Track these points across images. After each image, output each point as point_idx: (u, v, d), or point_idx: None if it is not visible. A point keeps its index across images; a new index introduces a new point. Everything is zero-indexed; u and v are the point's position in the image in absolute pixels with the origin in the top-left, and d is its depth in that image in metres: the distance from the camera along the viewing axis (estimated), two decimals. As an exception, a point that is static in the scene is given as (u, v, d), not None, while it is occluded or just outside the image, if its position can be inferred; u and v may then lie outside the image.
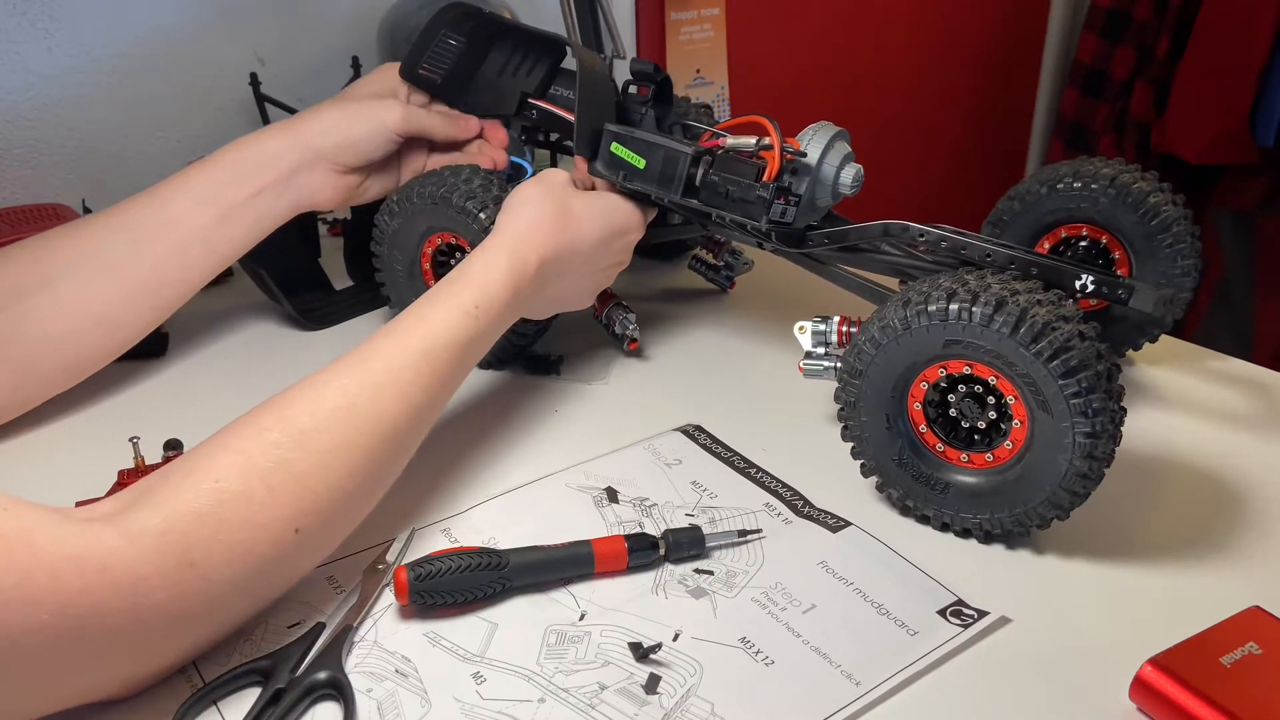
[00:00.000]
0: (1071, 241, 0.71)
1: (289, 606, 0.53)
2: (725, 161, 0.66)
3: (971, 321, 0.52)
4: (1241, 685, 0.45)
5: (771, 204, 0.63)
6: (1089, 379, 0.51)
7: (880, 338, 0.56)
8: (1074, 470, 0.52)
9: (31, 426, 0.68)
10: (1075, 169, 0.69)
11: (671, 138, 0.69)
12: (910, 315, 0.54)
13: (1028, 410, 0.53)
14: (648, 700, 0.47)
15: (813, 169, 0.64)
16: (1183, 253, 0.67)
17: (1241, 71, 1.56)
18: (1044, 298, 0.53)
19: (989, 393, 0.55)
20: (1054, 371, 0.51)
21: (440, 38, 0.76)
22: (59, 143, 0.94)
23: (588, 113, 0.72)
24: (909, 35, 1.74)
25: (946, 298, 0.53)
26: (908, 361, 0.56)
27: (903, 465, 0.58)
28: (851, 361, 0.57)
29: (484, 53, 0.78)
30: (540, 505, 0.61)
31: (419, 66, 0.77)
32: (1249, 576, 0.55)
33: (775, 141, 0.63)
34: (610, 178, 0.70)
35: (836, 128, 0.66)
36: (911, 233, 0.62)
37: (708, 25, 1.44)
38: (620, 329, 0.77)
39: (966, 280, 0.54)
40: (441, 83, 0.77)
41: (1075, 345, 0.51)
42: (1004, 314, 0.51)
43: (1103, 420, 0.51)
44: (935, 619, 0.52)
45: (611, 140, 0.70)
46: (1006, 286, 0.53)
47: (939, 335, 0.54)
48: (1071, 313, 0.52)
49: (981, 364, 0.54)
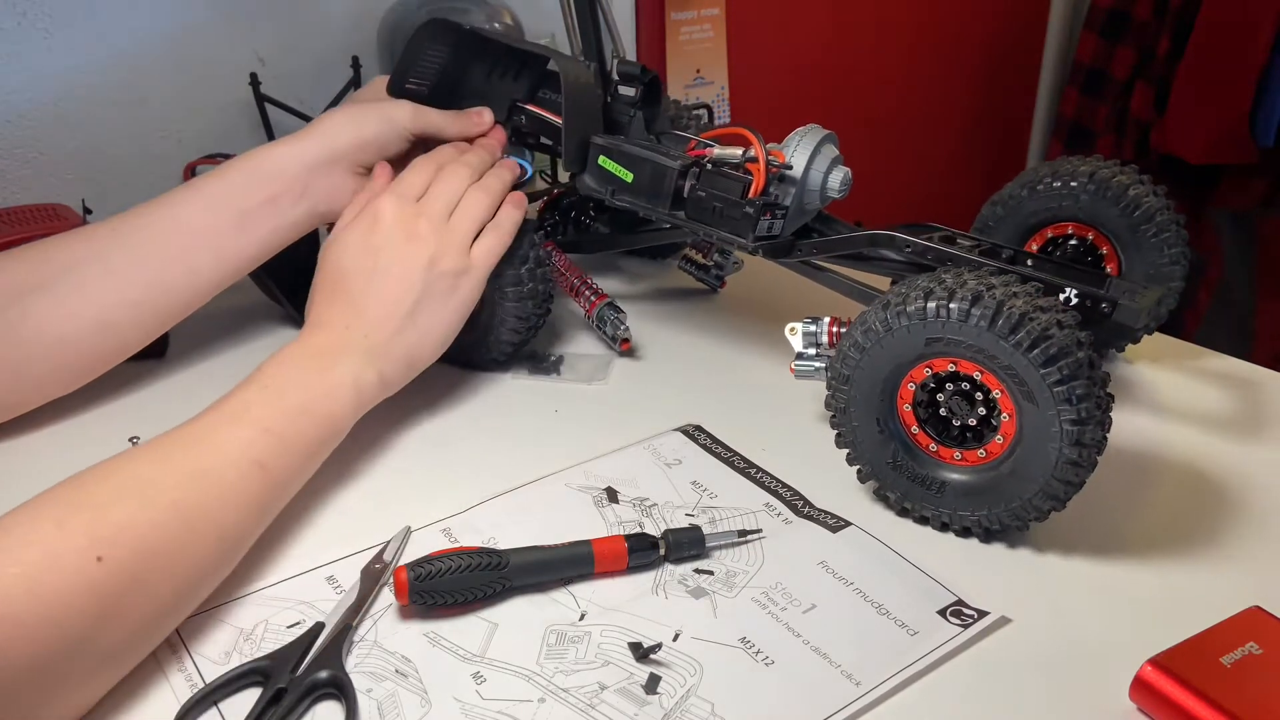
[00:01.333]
0: (1059, 241, 0.71)
1: (289, 606, 0.53)
2: (711, 176, 0.66)
3: (950, 318, 0.53)
4: (1241, 685, 0.45)
5: (758, 221, 0.63)
6: (1070, 366, 0.51)
7: (864, 341, 0.56)
8: (1064, 459, 0.52)
9: (31, 427, 0.68)
10: (1054, 169, 0.69)
11: (659, 148, 0.69)
12: (890, 317, 0.55)
13: (1014, 403, 0.53)
14: (648, 700, 0.47)
15: (799, 179, 0.64)
16: (1169, 242, 0.67)
17: (1241, 71, 1.56)
18: (1020, 289, 0.53)
19: (976, 389, 0.55)
20: (1034, 361, 0.51)
21: (424, 52, 0.76)
22: (59, 143, 0.94)
23: (574, 126, 0.71)
24: (909, 35, 1.74)
25: (924, 296, 0.53)
26: (893, 363, 0.56)
27: (898, 468, 0.58)
28: (838, 368, 0.58)
29: (469, 62, 0.78)
30: (540, 505, 0.61)
31: (406, 81, 0.77)
32: (1249, 576, 0.55)
33: (760, 156, 0.63)
34: (600, 192, 0.70)
35: (823, 131, 0.65)
36: (898, 243, 0.62)
37: (708, 25, 1.44)
38: (612, 329, 0.77)
39: (943, 279, 0.54)
40: (429, 94, 0.78)
41: (1054, 334, 0.51)
42: (980, 307, 0.52)
43: (1088, 406, 0.51)
44: (935, 619, 0.52)
45: (599, 154, 0.70)
46: (983, 281, 0.53)
47: (920, 334, 0.54)
48: (1049, 303, 0.53)
49: (965, 360, 0.54)
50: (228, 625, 0.52)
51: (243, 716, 0.46)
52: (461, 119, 0.76)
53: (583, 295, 0.80)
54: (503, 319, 0.71)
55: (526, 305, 0.72)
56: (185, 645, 0.50)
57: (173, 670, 0.49)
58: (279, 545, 0.57)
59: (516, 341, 0.74)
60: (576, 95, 0.71)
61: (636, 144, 0.70)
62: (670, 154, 0.67)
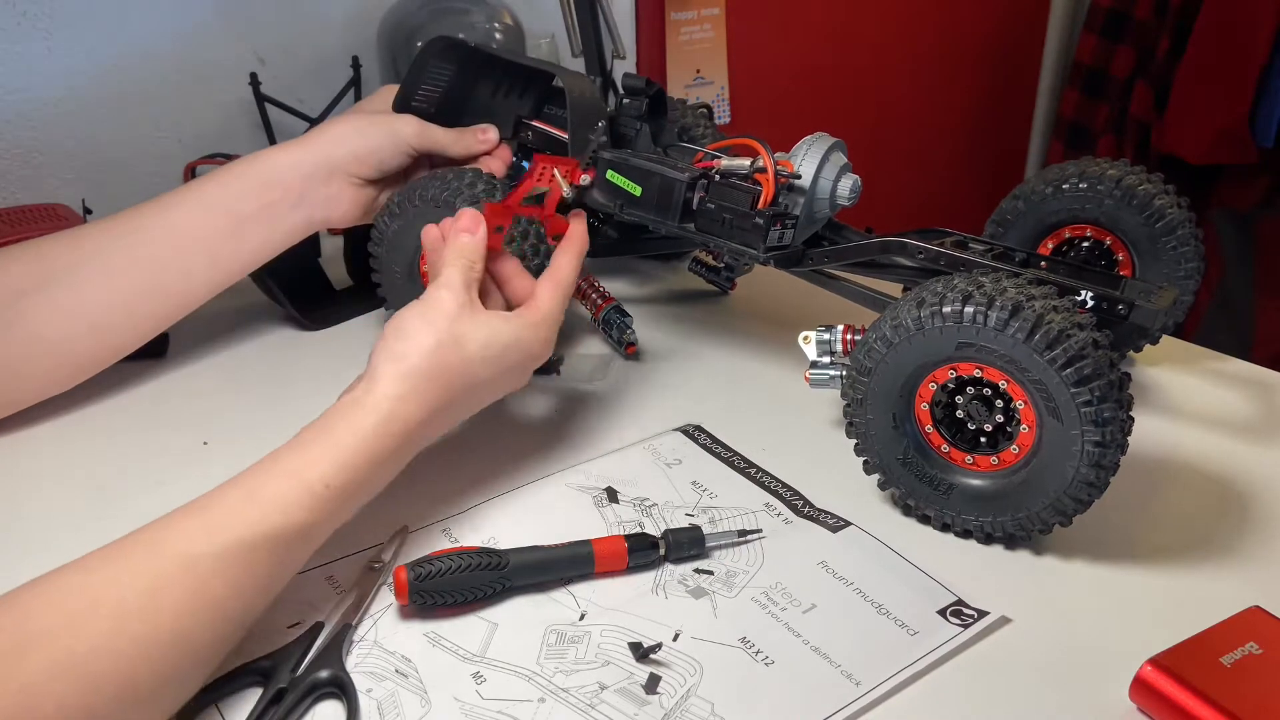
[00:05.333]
0: (1075, 242, 0.71)
1: (289, 606, 0.53)
2: (720, 188, 0.65)
3: (986, 325, 0.52)
4: (1241, 685, 0.45)
5: (768, 232, 0.63)
6: (1101, 388, 0.51)
7: (892, 336, 0.55)
8: (1081, 478, 0.52)
9: (29, 425, 0.68)
10: (1081, 170, 0.69)
11: (666, 160, 0.68)
12: (924, 316, 0.54)
13: (1037, 416, 0.53)
14: (648, 700, 0.47)
15: (808, 188, 0.64)
16: (1186, 255, 0.67)
17: (1241, 71, 1.56)
18: (1059, 304, 0.53)
19: (998, 396, 0.55)
20: (1067, 379, 0.51)
21: (429, 69, 0.76)
22: (59, 143, 0.94)
23: (581, 142, 0.71)
24: (909, 35, 1.74)
25: (962, 300, 0.53)
26: (919, 362, 0.55)
27: (907, 465, 0.58)
28: (861, 359, 0.57)
29: (475, 79, 0.78)
30: (540, 505, 0.61)
31: (412, 98, 0.77)
32: (1249, 577, 0.55)
33: (769, 166, 0.63)
34: (609, 206, 0.69)
35: (831, 139, 0.65)
36: (909, 249, 0.62)
37: (708, 25, 1.44)
38: (618, 333, 0.77)
39: (982, 283, 0.54)
40: (435, 112, 0.78)
41: (1089, 354, 0.51)
42: (1020, 320, 0.51)
43: (1112, 430, 0.51)
44: (935, 619, 0.52)
45: (606, 168, 0.70)
46: (1022, 291, 0.53)
47: (953, 337, 0.54)
48: (1086, 320, 0.53)
49: (993, 368, 0.54)
50: (228, 625, 0.52)
51: (243, 716, 0.46)
52: (466, 136, 0.76)
53: (589, 298, 0.80)
54: None
55: None
56: (185, 645, 0.50)
57: (173, 670, 0.49)
58: (279, 545, 0.57)
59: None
60: (583, 110, 0.71)
61: (644, 157, 0.69)
62: (678, 166, 0.67)
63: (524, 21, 1.09)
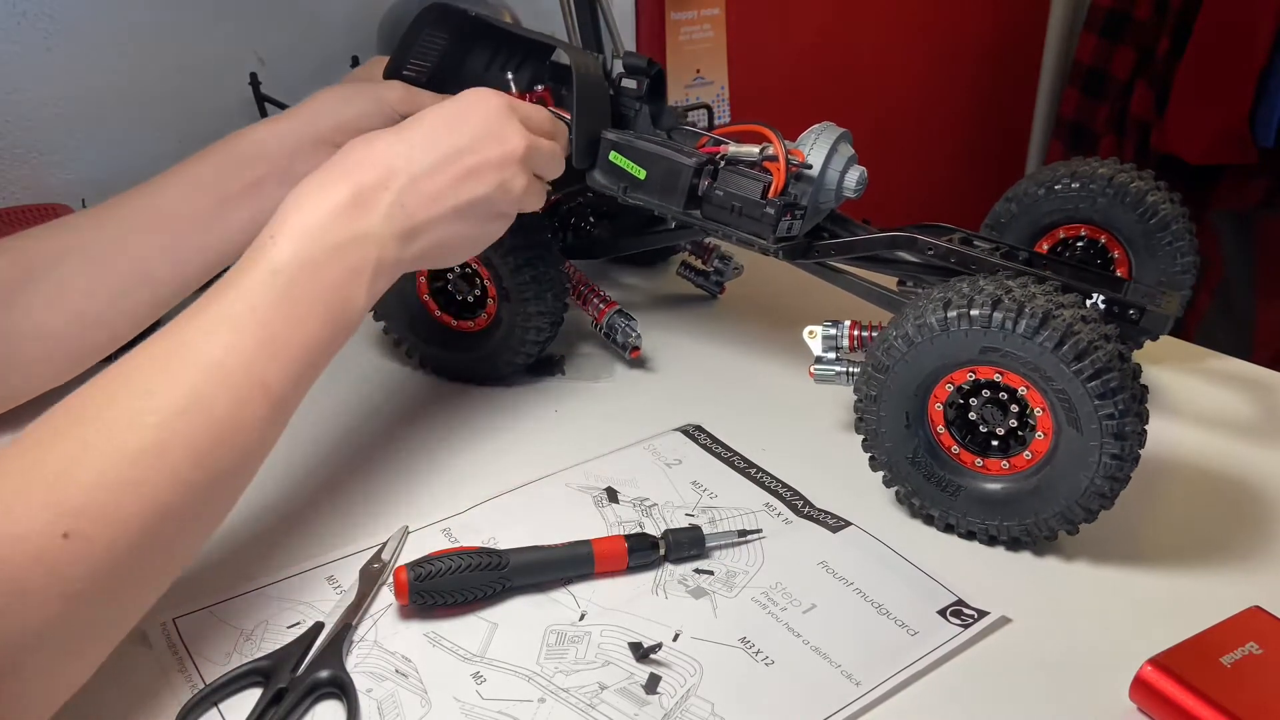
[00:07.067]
0: (1070, 242, 0.71)
1: (288, 606, 0.53)
2: (728, 174, 0.64)
3: (1014, 332, 0.52)
4: (1241, 685, 0.45)
5: (779, 221, 0.62)
6: (1125, 401, 0.51)
7: (915, 336, 0.55)
8: (1094, 489, 0.53)
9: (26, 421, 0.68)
10: (1072, 170, 0.69)
11: (671, 144, 0.67)
12: (950, 318, 0.53)
13: (1055, 424, 0.53)
14: (648, 700, 0.47)
15: (815, 178, 0.63)
16: (1182, 250, 0.68)
17: (1241, 71, 1.56)
18: (1086, 314, 0.53)
19: (1013, 401, 0.55)
20: (1092, 391, 0.51)
21: (423, 37, 0.75)
22: (59, 142, 0.94)
23: (585, 121, 0.68)
24: (909, 35, 1.74)
25: (991, 305, 0.52)
26: (939, 362, 0.55)
27: (916, 464, 0.58)
28: (879, 355, 0.57)
29: (470, 50, 0.77)
30: (540, 505, 0.61)
31: (403, 66, 0.76)
32: (1249, 576, 0.55)
33: (780, 154, 0.62)
34: (612, 189, 0.69)
35: (839, 129, 0.64)
36: (919, 245, 0.62)
37: (708, 25, 1.44)
38: (623, 337, 0.76)
39: (1010, 288, 0.53)
40: (427, 82, 0.77)
41: (1116, 367, 0.51)
42: (1049, 329, 0.51)
43: (1131, 444, 0.51)
44: (935, 619, 0.52)
45: (610, 149, 0.68)
46: (1051, 299, 0.53)
47: (977, 340, 0.53)
48: (1112, 332, 0.52)
49: (1015, 373, 0.53)
50: (228, 625, 0.52)
51: (243, 717, 0.46)
52: None
53: (591, 303, 0.79)
54: (520, 338, 0.71)
55: (545, 329, 0.71)
56: (185, 646, 0.50)
57: (173, 671, 0.49)
58: (279, 544, 0.57)
59: (524, 363, 0.73)
60: (588, 87, 0.68)
61: (649, 140, 0.68)
62: (685, 150, 0.66)
63: (524, 21, 1.09)
